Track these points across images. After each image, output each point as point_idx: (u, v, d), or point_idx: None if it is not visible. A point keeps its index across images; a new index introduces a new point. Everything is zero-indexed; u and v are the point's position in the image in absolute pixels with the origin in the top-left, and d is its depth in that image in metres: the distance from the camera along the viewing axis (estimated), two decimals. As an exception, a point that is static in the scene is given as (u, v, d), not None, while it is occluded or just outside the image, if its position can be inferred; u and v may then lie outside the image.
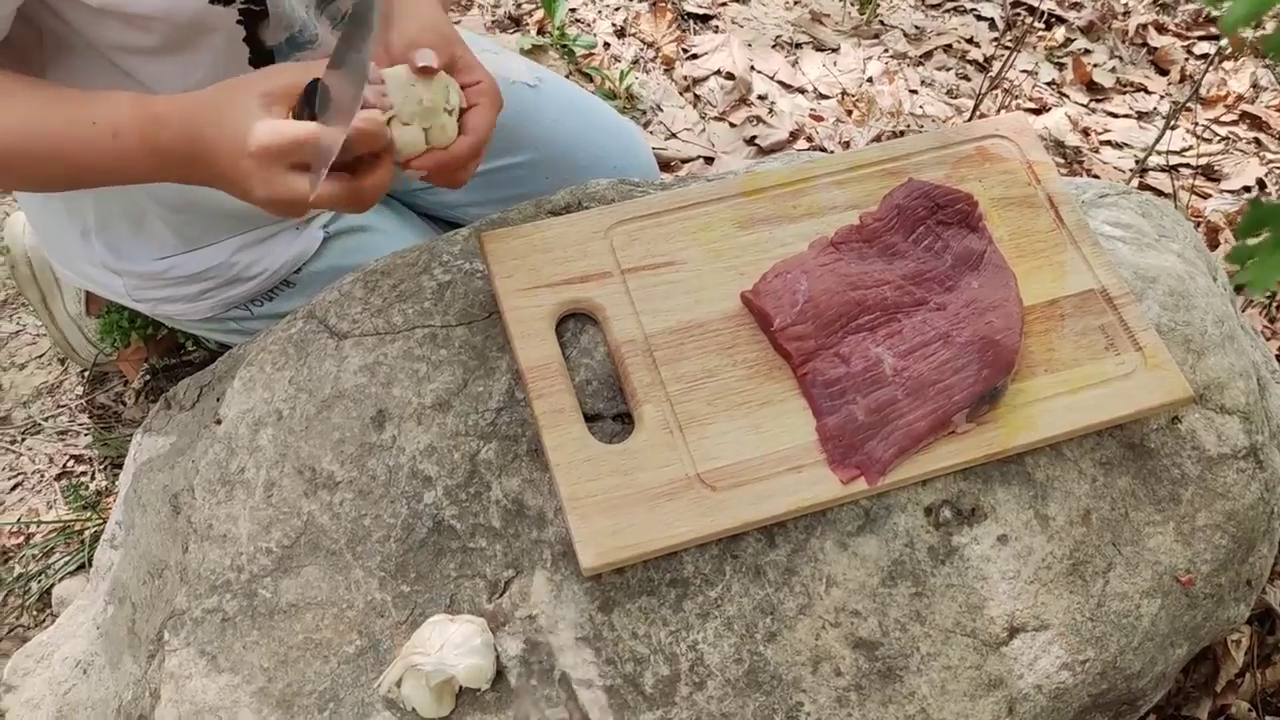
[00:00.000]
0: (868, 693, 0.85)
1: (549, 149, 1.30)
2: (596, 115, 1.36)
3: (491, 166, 1.30)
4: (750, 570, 0.87)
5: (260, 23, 0.96)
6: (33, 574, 1.31)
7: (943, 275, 0.95)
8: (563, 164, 1.29)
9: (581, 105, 1.36)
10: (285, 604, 0.88)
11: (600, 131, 1.34)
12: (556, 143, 1.30)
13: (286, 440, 0.92)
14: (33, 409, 1.45)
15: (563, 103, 1.33)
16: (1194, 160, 1.91)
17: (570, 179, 1.27)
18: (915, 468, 0.88)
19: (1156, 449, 0.96)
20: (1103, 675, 0.89)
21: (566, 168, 1.29)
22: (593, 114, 1.36)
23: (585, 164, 1.30)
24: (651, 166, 1.40)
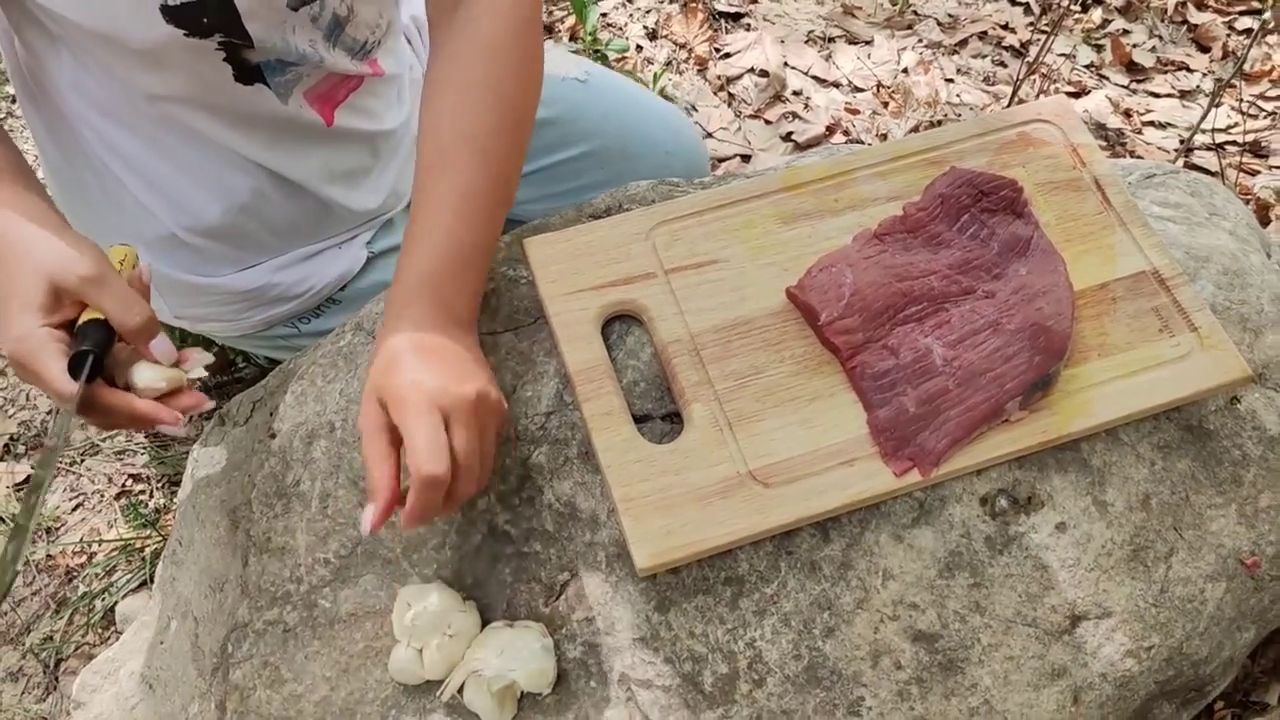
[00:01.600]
0: (929, 685, 0.84)
1: (602, 140, 1.31)
2: (644, 103, 1.38)
3: (549, 162, 1.31)
4: (805, 566, 0.87)
5: (243, 52, 0.95)
6: (96, 592, 1.33)
7: (990, 263, 0.94)
8: (615, 153, 1.31)
9: (629, 95, 1.37)
10: (345, 613, 0.88)
11: (648, 119, 1.36)
12: (608, 133, 1.32)
13: (339, 452, 0.93)
14: (90, 430, 1.48)
15: (611, 94, 1.34)
16: (1240, 137, 1.87)
17: (623, 167, 1.28)
18: (969, 457, 0.88)
19: (1216, 430, 0.94)
20: (1169, 662, 0.88)
21: (619, 156, 1.31)
22: (640, 102, 1.37)
23: (636, 151, 1.32)
24: (699, 148, 1.41)
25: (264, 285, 1.19)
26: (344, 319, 1.17)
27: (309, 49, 1.00)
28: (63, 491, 1.43)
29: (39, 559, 1.37)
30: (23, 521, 0.76)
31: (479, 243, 0.87)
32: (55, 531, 1.40)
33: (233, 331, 1.26)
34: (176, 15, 0.87)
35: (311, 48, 1.00)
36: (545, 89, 1.30)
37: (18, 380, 1.54)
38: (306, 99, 1.08)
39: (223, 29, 0.90)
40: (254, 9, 0.91)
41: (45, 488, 0.79)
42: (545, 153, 1.29)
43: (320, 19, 0.99)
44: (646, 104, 1.38)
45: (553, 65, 1.30)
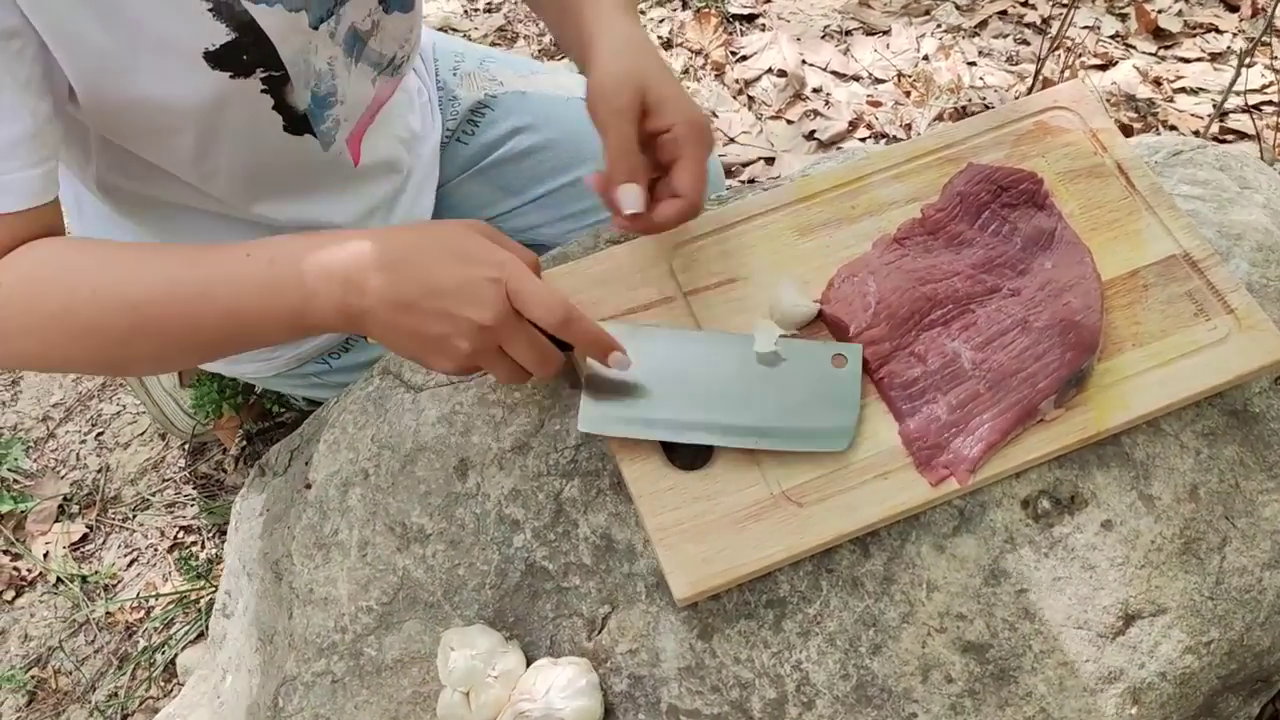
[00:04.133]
0: (983, 697, 0.82)
1: None
2: None
3: (560, 183, 1.31)
4: (847, 583, 0.86)
5: (284, 87, 0.97)
6: (156, 646, 1.35)
7: (1014, 259, 0.93)
8: None
9: None
10: (391, 660, 0.89)
11: None
12: None
13: (375, 498, 0.94)
14: (140, 485, 1.50)
15: None
16: (1276, 96, 1.83)
17: None
18: (1006, 461, 0.86)
19: (1262, 413, 0.91)
20: (1230, 655, 0.86)
21: None
22: None
23: None
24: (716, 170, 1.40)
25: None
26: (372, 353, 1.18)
27: (326, 67, 1.00)
28: (117, 548, 1.45)
29: (99, 616, 1.39)
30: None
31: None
32: (113, 588, 1.42)
33: (267, 372, 1.27)
34: (220, 59, 0.89)
35: (329, 65, 1.01)
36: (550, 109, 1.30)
37: (70, 441, 1.57)
38: (347, 144, 1.09)
39: (262, 63, 0.92)
40: (283, 34, 0.92)
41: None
42: (555, 174, 1.29)
43: (337, 33, 1.00)
44: None
45: (558, 85, 1.30)
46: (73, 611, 1.40)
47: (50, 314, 0.83)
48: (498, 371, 0.83)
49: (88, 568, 1.44)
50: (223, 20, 0.88)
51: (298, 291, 0.80)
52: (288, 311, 0.81)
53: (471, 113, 1.29)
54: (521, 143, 1.29)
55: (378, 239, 0.81)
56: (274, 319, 0.82)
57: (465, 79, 1.31)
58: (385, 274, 0.79)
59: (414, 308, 0.79)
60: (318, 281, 0.80)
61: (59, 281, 0.83)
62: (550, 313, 0.79)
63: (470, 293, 0.78)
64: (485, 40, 2.12)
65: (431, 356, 0.82)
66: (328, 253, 0.80)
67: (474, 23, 2.16)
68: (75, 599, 1.41)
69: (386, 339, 0.82)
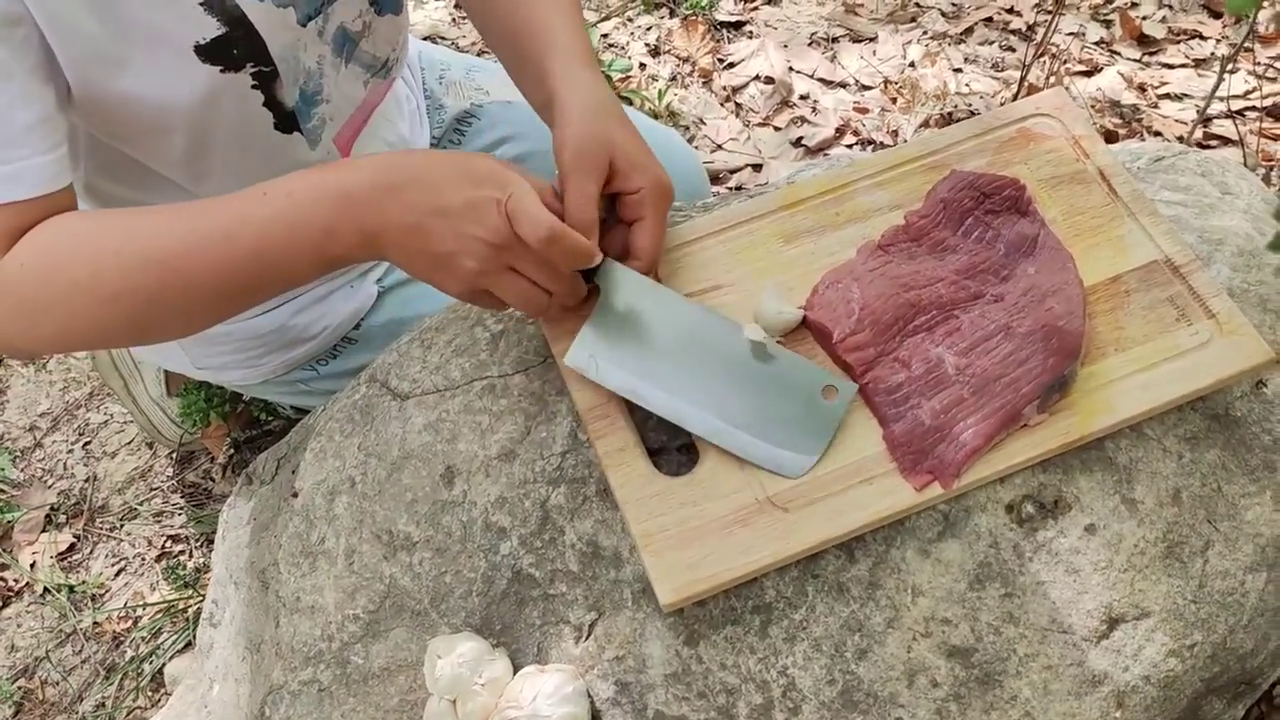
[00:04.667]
0: (968, 701, 0.83)
1: None
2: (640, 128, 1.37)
3: None
4: (833, 588, 0.86)
5: (274, 83, 0.98)
6: (144, 656, 1.35)
7: (997, 265, 0.93)
8: None
9: None
10: (378, 668, 0.89)
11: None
12: None
13: (362, 506, 0.94)
14: (128, 494, 1.50)
15: None
16: (1259, 102, 1.84)
17: None
18: (990, 466, 0.86)
19: (1243, 417, 0.92)
20: (1213, 658, 0.86)
21: None
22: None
23: None
24: (698, 171, 1.40)
25: (280, 327, 1.20)
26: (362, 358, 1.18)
27: (315, 65, 1.01)
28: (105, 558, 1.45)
29: (86, 626, 1.39)
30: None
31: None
32: (100, 598, 1.42)
33: (254, 379, 1.27)
34: (210, 53, 0.91)
35: (318, 64, 1.02)
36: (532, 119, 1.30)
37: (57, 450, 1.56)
38: (336, 144, 1.10)
39: (252, 57, 0.94)
40: (272, 29, 0.94)
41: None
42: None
43: (325, 32, 1.01)
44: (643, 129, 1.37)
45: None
46: (60, 622, 1.40)
47: (74, 282, 0.82)
48: (507, 292, 0.84)
49: (75, 578, 1.44)
50: (213, 14, 0.89)
51: (319, 220, 0.81)
52: (311, 243, 0.82)
53: (458, 122, 1.30)
54: (507, 152, 1.29)
55: (391, 161, 0.83)
56: (298, 252, 0.83)
57: (451, 88, 1.31)
58: (396, 195, 0.80)
59: (422, 227, 0.80)
60: (336, 207, 0.81)
61: (79, 250, 0.82)
62: (536, 228, 0.80)
63: (476, 211, 0.80)
64: (473, 48, 2.12)
65: (441, 276, 0.83)
66: (342, 176, 0.82)
67: (461, 30, 2.16)
68: (62, 609, 1.40)
69: (401, 260, 0.83)
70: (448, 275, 0.83)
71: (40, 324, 0.84)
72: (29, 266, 0.82)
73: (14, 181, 0.82)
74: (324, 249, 0.82)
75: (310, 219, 0.81)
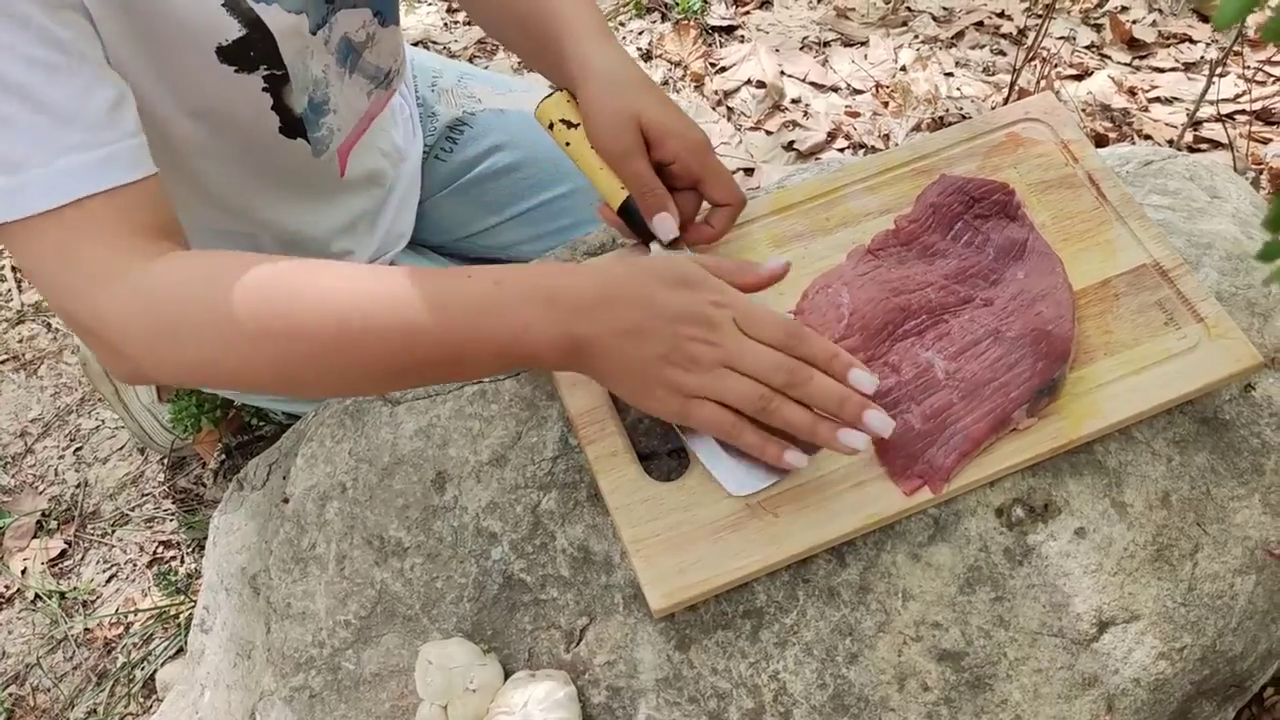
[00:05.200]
0: (959, 705, 0.83)
1: None
2: None
3: (535, 202, 1.32)
4: (824, 593, 0.86)
5: (284, 87, 0.98)
6: (135, 662, 1.34)
7: (986, 269, 0.93)
8: None
9: None
10: (369, 674, 0.89)
11: None
12: None
13: (353, 512, 0.94)
14: (119, 500, 1.50)
15: None
16: (1248, 105, 1.84)
17: None
18: (980, 470, 0.86)
19: (1232, 420, 0.92)
20: (1203, 661, 0.86)
21: None
22: None
23: None
24: None
25: None
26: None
27: (320, 74, 1.02)
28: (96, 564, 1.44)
29: (77, 633, 1.38)
30: None
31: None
32: (91, 604, 1.41)
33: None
34: (229, 54, 0.91)
35: (324, 73, 1.02)
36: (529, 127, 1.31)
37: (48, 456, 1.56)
38: (339, 153, 1.10)
39: (265, 60, 0.94)
40: (285, 35, 0.94)
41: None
42: (534, 192, 1.29)
43: (330, 42, 1.01)
44: None
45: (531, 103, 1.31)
46: (51, 628, 1.39)
47: (239, 314, 0.75)
48: (713, 420, 0.78)
49: (66, 584, 1.43)
50: (235, 16, 0.89)
51: (522, 314, 0.75)
52: (505, 333, 0.76)
53: (450, 129, 1.30)
54: (500, 160, 1.29)
55: (598, 273, 0.78)
56: (487, 341, 0.76)
57: (444, 95, 1.31)
58: (610, 303, 0.76)
59: (638, 331, 0.75)
60: (543, 307, 0.75)
61: (247, 286, 0.75)
62: (780, 330, 0.77)
63: (695, 314, 0.76)
64: (465, 52, 2.12)
65: (648, 394, 0.78)
66: (559, 281, 0.77)
67: (453, 35, 2.16)
68: (53, 615, 1.40)
69: (606, 370, 0.78)
70: (653, 392, 0.78)
71: (184, 349, 0.77)
72: (188, 285, 0.76)
73: (109, 165, 0.77)
74: (516, 344, 0.76)
75: (511, 310, 0.75)
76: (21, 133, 0.75)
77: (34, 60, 0.75)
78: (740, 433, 0.78)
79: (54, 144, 0.75)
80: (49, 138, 0.75)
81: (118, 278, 0.76)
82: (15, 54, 0.74)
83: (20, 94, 0.74)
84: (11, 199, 0.75)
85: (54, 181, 0.75)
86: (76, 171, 0.76)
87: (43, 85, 0.75)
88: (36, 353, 1.67)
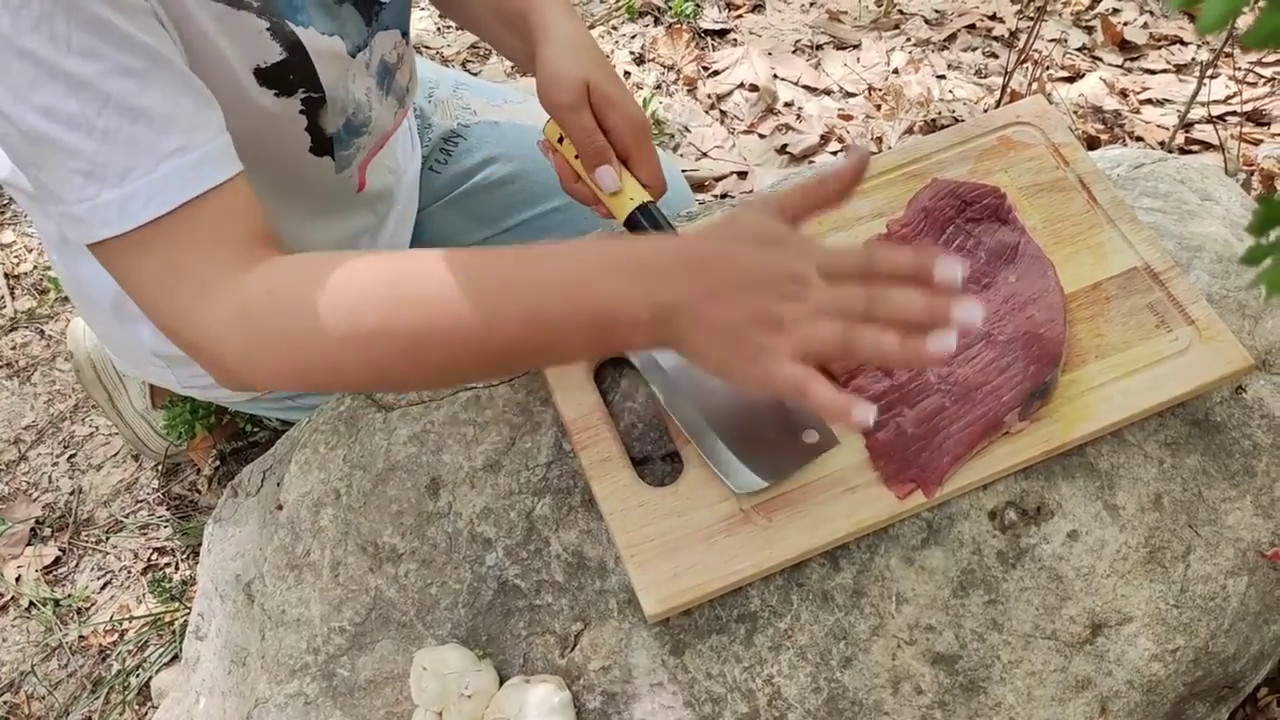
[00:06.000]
0: (952, 708, 0.83)
1: None
2: None
3: (529, 215, 1.32)
4: (817, 597, 0.86)
5: (320, 109, 0.98)
6: (130, 669, 1.34)
7: (978, 273, 0.94)
8: None
9: None
10: (364, 681, 0.89)
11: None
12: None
13: (347, 518, 0.94)
14: (113, 507, 1.49)
15: None
16: (1239, 107, 1.85)
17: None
18: (973, 473, 0.87)
19: (1223, 422, 0.93)
20: (1196, 662, 0.87)
21: None
22: None
23: None
24: (681, 186, 1.40)
25: None
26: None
27: (364, 97, 1.02)
28: (90, 571, 1.44)
29: (72, 640, 1.38)
30: None
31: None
32: (86, 612, 1.41)
33: (241, 396, 1.27)
34: (268, 76, 0.91)
35: (366, 96, 1.03)
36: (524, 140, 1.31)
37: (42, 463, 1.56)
38: (359, 168, 1.10)
39: (304, 84, 0.94)
40: (323, 58, 0.94)
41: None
42: (528, 205, 1.29)
43: (371, 64, 1.02)
44: None
45: (530, 115, 1.31)
46: (45, 636, 1.39)
47: (329, 322, 0.75)
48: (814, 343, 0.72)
49: (60, 591, 1.43)
50: (277, 40, 0.89)
51: (608, 288, 0.73)
52: (595, 309, 0.74)
53: (444, 141, 1.30)
54: (495, 173, 1.29)
55: (681, 239, 0.78)
56: (578, 317, 0.75)
57: (439, 106, 1.32)
58: (697, 268, 0.73)
59: (725, 294, 0.72)
60: (629, 279, 0.73)
61: (336, 288, 0.76)
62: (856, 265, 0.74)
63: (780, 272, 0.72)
64: (458, 57, 2.12)
65: (739, 357, 0.73)
66: (639, 249, 0.76)
67: (446, 40, 2.16)
68: (48, 623, 1.40)
69: (697, 338, 0.74)
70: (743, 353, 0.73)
71: (280, 359, 0.78)
72: (279, 297, 0.77)
73: (205, 166, 0.78)
74: (608, 319, 0.74)
75: (598, 286, 0.74)
76: (124, 143, 0.75)
77: (126, 69, 0.75)
78: (817, 390, 0.72)
79: (155, 151, 0.76)
80: (151, 146, 0.75)
81: (215, 293, 0.77)
82: (107, 63, 0.74)
83: (118, 104, 0.74)
84: (122, 210, 0.75)
85: (157, 187, 0.75)
86: (179, 175, 0.76)
87: (137, 93, 0.75)
88: (30, 359, 1.67)
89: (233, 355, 0.78)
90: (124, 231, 0.76)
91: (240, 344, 0.77)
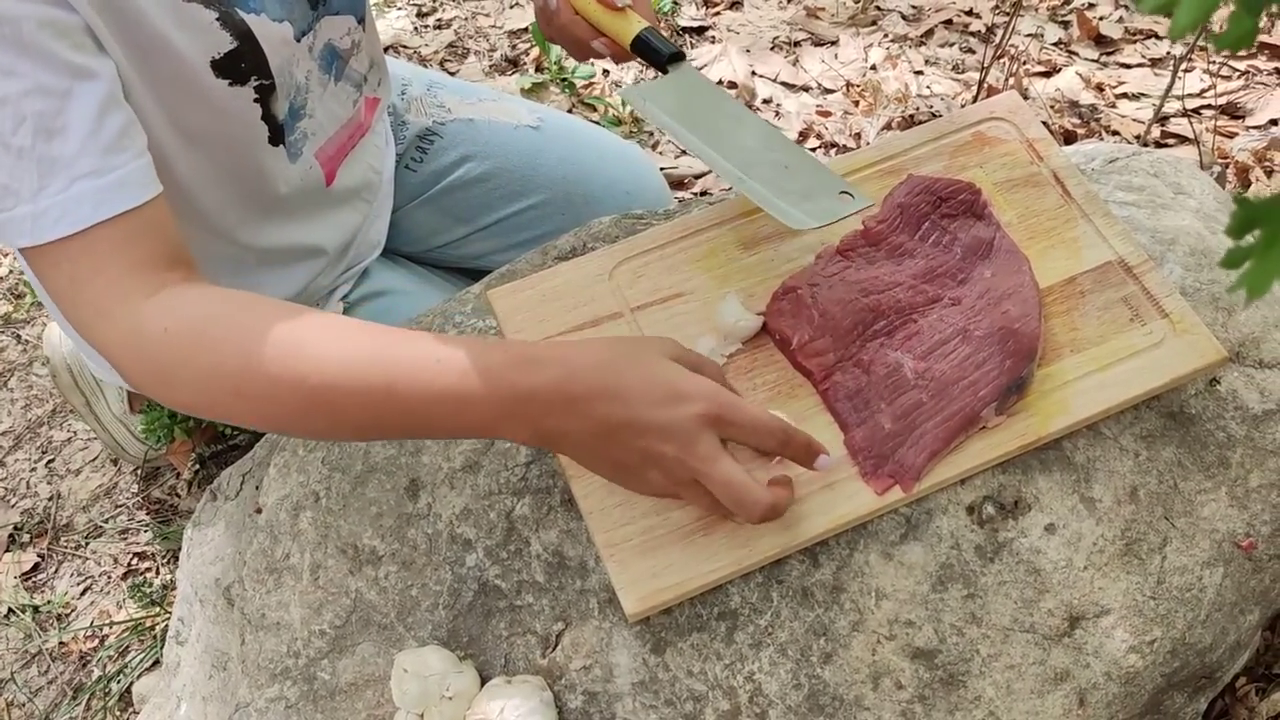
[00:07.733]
0: (932, 703, 0.83)
1: (560, 186, 1.31)
2: (600, 144, 1.38)
3: (506, 213, 1.32)
4: (797, 593, 0.86)
5: (271, 96, 0.99)
6: (111, 675, 1.34)
7: (954, 269, 0.94)
8: (576, 198, 1.31)
9: (585, 138, 1.37)
10: (345, 684, 0.89)
11: (607, 160, 1.36)
12: (566, 179, 1.32)
13: (326, 521, 0.94)
14: (92, 512, 1.49)
15: (566, 139, 1.35)
16: (1214, 100, 1.86)
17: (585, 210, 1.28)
18: (951, 468, 0.87)
19: (1198, 414, 0.93)
20: (1173, 653, 0.87)
21: (580, 201, 1.31)
22: (597, 144, 1.37)
23: (598, 194, 1.32)
24: (660, 185, 1.41)
25: None
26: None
27: (303, 80, 1.03)
28: (70, 577, 1.43)
29: (52, 647, 1.37)
30: None
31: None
32: (66, 618, 1.40)
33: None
34: (222, 67, 0.92)
35: (306, 79, 1.03)
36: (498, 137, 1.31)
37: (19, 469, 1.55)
38: (317, 158, 1.10)
39: (255, 71, 0.95)
40: (273, 45, 0.96)
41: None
42: (504, 202, 1.29)
43: (314, 48, 1.03)
44: (604, 145, 1.38)
45: (505, 113, 1.31)
46: (25, 642, 1.38)
47: (218, 372, 0.77)
48: (699, 502, 0.79)
49: (40, 597, 1.42)
50: (227, 30, 0.90)
51: (490, 411, 0.75)
52: (476, 424, 0.77)
53: (420, 139, 1.30)
54: (471, 171, 1.29)
55: (574, 365, 0.75)
56: (461, 429, 0.81)
57: (413, 104, 1.31)
58: (581, 406, 0.74)
59: (612, 438, 0.75)
60: (515, 403, 0.74)
61: (231, 344, 0.77)
62: (769, 437, 0.78)
63: (672, 433, 0.74)
64: (435, 57, 2.11)
65: (629, 482, 0.79)
66: (521, 376, 0.75)
67: (424, 39, 2.15)
68: (27, 630, 1.39)
69: (581, 460, 0.79)
70: (637, 483, 0.78)
71: (175, 393, 0.81)
72: (174, 335, 0.77)
73: (119, 190, 0.79)
74: (489, 433, 0.81)
75: (481, 406, 0.75)
76: (38, 161, 0.77)
77: (47, 88, 0.76)
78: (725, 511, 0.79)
79: (70, 171, 0.77)
80: (65, 166, 0.77)
81: (112, 319, 0.79)
82: (27, 82, 0.76)
83: (35, 124, 0.76)
84: (35, 225, 0.78)
85: (67, 208, 0.77)
86: (91, 197, 0.78)
87: (55, 113, 0.77)
88: (6, 365, 1.65)
89: (131, 376, 0.81)
90: (37, 244, 0.78)
91: (135, 370, 0.80)
